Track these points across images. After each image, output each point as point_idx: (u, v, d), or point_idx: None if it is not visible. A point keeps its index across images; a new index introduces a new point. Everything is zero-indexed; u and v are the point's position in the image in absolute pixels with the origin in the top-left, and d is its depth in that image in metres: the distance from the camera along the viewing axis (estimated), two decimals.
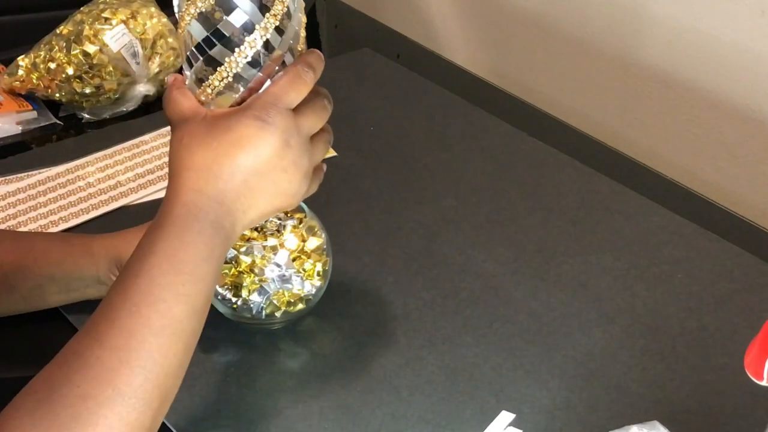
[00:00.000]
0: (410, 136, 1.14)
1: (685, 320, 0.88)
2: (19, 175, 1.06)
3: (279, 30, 0.72)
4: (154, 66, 1.18)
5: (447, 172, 1.08)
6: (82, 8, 1.18)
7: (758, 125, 1.19)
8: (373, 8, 1.54)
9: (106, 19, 1.15)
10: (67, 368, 0.61)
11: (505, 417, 0.78)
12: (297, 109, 0.71)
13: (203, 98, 0.73)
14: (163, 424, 0.74)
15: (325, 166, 0.76)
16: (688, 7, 1.22)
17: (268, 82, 0.72)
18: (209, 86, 0.72)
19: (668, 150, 1.31)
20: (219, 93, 0.73)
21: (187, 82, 0.74)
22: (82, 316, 0.87)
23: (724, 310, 0.89)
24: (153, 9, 1.19)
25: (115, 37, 1.15)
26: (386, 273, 0.93)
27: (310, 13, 1.45)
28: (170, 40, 1.19)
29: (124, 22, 1.15)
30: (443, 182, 1.06)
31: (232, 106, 0.72)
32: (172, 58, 1.19)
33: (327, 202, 0.83)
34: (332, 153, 1.10)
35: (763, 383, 0.59)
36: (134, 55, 1.16)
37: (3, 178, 1.06)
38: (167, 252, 0.65)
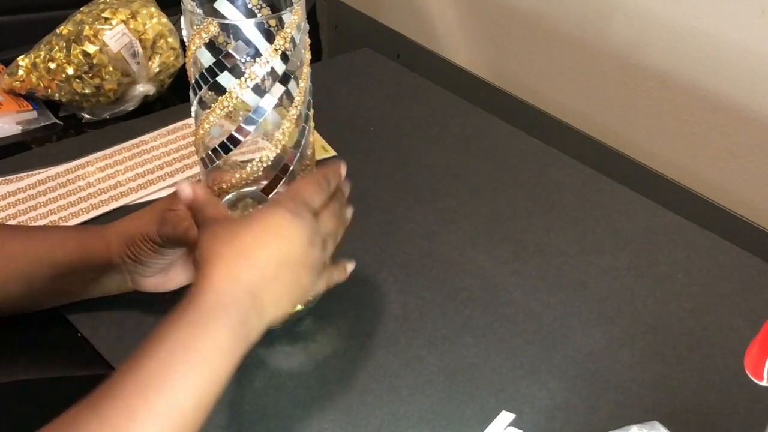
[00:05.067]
0: (410, 136, 1.14)
1: (685, 320, 0.88)
2: (19, 175, 1.06)
3: (284, 59, 0.73)
4: (154, 66, 1.18)
5: (447, 172, 1.08)
6: (82, 8, 1.18)
7: (758, 125, 1.19)
8: (373, 8, 1.54)
9: (106, 19, 1.15)
10: None
11: (505, 417, 0.78)
12: (316, 213, 0.74)
13: (202, 132, 0.75)
14: None
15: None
16: (687, 7, 1.22)
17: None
18: (212, 113, 0.74)
19: (668, 150, 1.31)
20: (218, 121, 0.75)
21: (193, 108, 0.76)
22: (82, 317, 0.87)
23: (724, 310, 0.89)
24: (153, 9, 1.19)
25: (115, 37, 1.15)
26: (386, 273, 0.93)
27: (310, 13, 1.45)
28: (170, 40, 1.19)
29: (124, 22, 1.15)
30: (443, 182, 1.06)
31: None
32: (172, 58, 1.19)
33: None
34: (332, 153, 1.10)
35: (763, 383, 0.59)
36: (134, 55, 1.16)
37: (3, 178, 1.06)
38: (186, 340, 0.63)
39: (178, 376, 0.62)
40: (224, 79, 0.74)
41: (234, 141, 0.75)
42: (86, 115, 1.17)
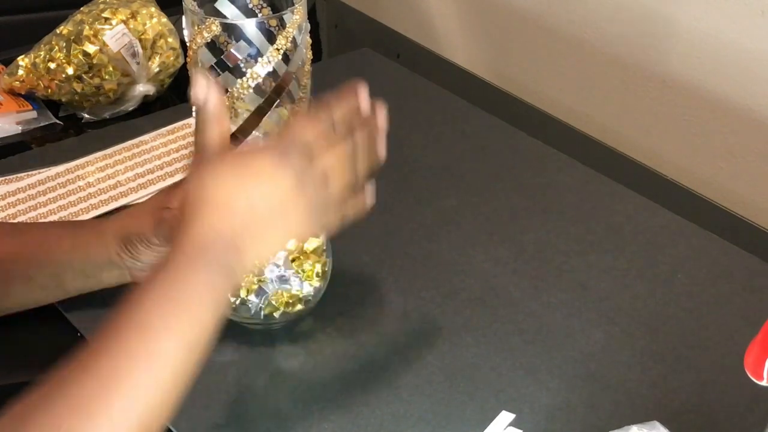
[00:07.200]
0: (410, 136, 1.14)
1: (685, 320, 0.88)
2: (19, 175, 1.06)
3: (286, 60, 0.74)
4: (154, 66, 1.18)
5: (447, 172, 1.08)
6: (82, 8, 1.18)
7: (758, 125, 1.19)
8: (373, 8, 1.54)
9: (106, 19, 1.15)
10: (48, 392, 0.60)
11: (505, 417, 0.78)
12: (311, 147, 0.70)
13: None
14: None
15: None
16: (688, 8, 1.22)
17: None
18: None
19: (668, 150, 1.31)
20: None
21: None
22: (81, 316, 0.87)
23: (724, 310, 0.89)
24: (153, 9, 1.19)
25: (115, 37, 1.15)
26: (386, 273, 0.93)
27: (310, 13, 1.44)
28: (170, 40, 1.19)
29: (124, 22, 1.15)
30: (443, 182, 1.06)
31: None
32: (172, 58, 1.19)
33: None
34: None
35: (763, 383, 0.59)
36: (134, 55, 1.16)
37: (3, 178, 1.06)
38: (166, 286, 0.64)
39: (160, 323, 0.62)
40: (225, 79, 0.74)
41: (235, 140, 0.75)
42: (86, 115, 1.17)
